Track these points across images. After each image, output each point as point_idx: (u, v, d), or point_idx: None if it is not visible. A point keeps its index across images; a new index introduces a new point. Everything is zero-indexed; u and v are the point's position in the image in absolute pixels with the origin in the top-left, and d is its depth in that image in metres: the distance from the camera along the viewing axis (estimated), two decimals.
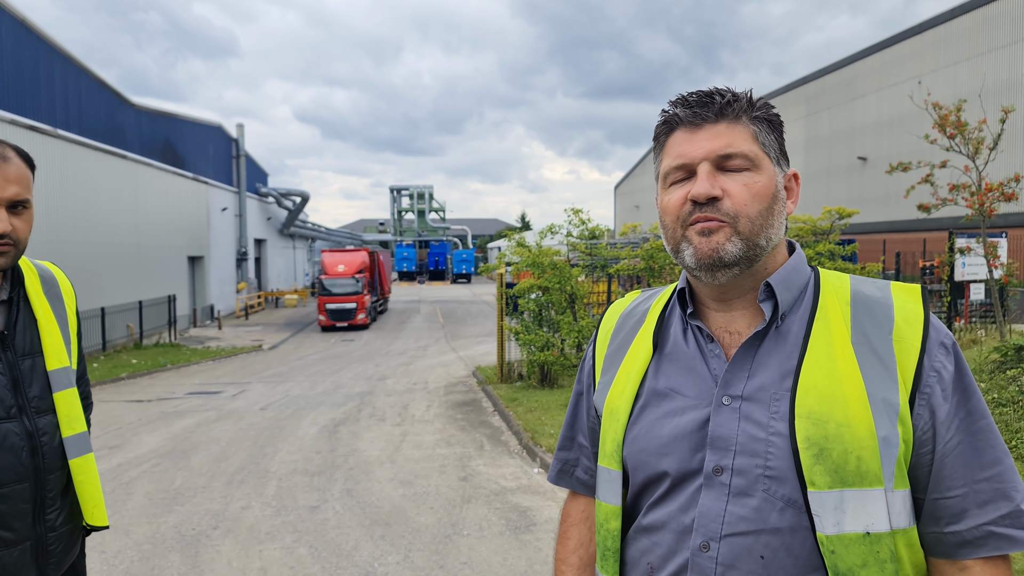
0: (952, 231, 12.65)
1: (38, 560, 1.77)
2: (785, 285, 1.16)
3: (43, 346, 1.81)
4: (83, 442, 1.86)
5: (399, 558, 5.05)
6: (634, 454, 1.21)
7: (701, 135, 1.14)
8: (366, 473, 7.26)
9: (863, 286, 1.18)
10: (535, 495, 6.45)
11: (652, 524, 1.19)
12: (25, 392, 1.75)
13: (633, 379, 1.25)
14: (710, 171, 1.13)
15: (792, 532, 1.07)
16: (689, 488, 1.15)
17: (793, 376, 1.10)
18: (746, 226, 1.12)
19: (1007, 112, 9.85)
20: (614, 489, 1.25)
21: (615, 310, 1.42)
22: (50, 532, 1.78)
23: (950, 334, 1.14)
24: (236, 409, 11.26)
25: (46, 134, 17.86)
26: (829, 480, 1.05)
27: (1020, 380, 6.34)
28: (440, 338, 23.27)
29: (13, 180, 1.70)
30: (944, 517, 1.09)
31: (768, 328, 1.15)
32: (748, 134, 1.14)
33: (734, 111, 1.15)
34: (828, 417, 1.06)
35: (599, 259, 13.65)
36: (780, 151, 1.19)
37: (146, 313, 22.33)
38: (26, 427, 1.73)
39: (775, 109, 1.21)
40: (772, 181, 1.15)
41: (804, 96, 35.65)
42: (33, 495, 1.73)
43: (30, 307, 1.82)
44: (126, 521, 5.91)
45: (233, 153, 36.37)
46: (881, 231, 27.62)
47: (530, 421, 8.99)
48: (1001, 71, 23.53)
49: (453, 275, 66.64)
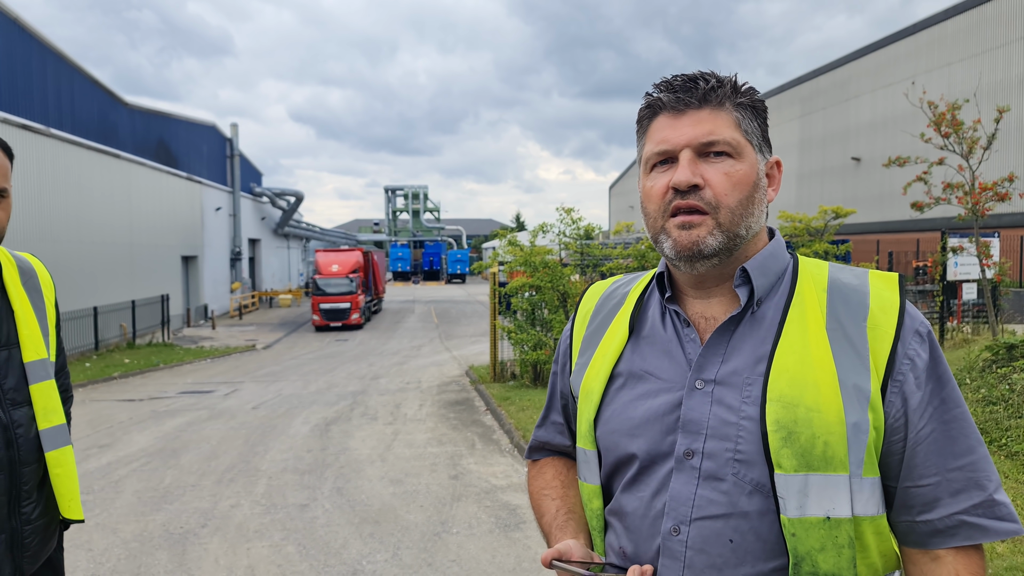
0: (945, 231, 12.67)
1: (13, 553, 1.75)
2: (761, 271, 1.15)
3: (20, 337, 1.79)
4: (61, 434, 1.84)
5: (388, 556, 5.02)
6: (606, 435, 1.21)
7: (684, 121, 1.13)
8: (357, 472, 7.24)
9: (841, 274, 1.18)
10: (525, 493, 6.43)
11: (623, 508, 1.19)
12: (0, 383, 1.73)
13: (608, 360, 1.25)
14: (691, 158, 1.12)
15: (760, 516, 1.07)
16: (659, 472, 1.14)
17: (767, 361, 1.10)
18: (726, 216, 1.11)
19: (1001, 112, 9.87)
20: (592, 469, 1.25)
21: (594, 291, 1.41)
22: (26, 525, 1.77)
23: (926, 323, 1.13)
24: (228, 408, 11.22)
25: (39, 133, 17.78)
26: (795, 463, 1.04)
27: (1011, 378, 6.35)
28: (434, 338, 23.24)
29: None
30: (916, 506, 1.08)
31: (743, 313, 1.14)
32: (731, 121, 1.13)
33: (718, 97, 1.13)
34: (798, 401, 1.06)
35: (591, 258, 13.64)
36: (763, 138, 1.18)
37: (139, 313, 22.25)
38: (0, 419, 1.71)
39: (759, 94, 1.19)
40: (753, 169, 1.14)
41: (799, 96, 35.73)
42: (8, 488, 1.72)
43: (7, 298, 1.80)
44: (114, 519, 5.87)
45: (227, 153, 36.27)
46: (875, 231, 27.69)
47: (522, 420, 8.97)
48: (995, 71, 23.61)
49: (448, 275, 66.62)
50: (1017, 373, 6.37)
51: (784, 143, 36.60)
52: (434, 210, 75.12)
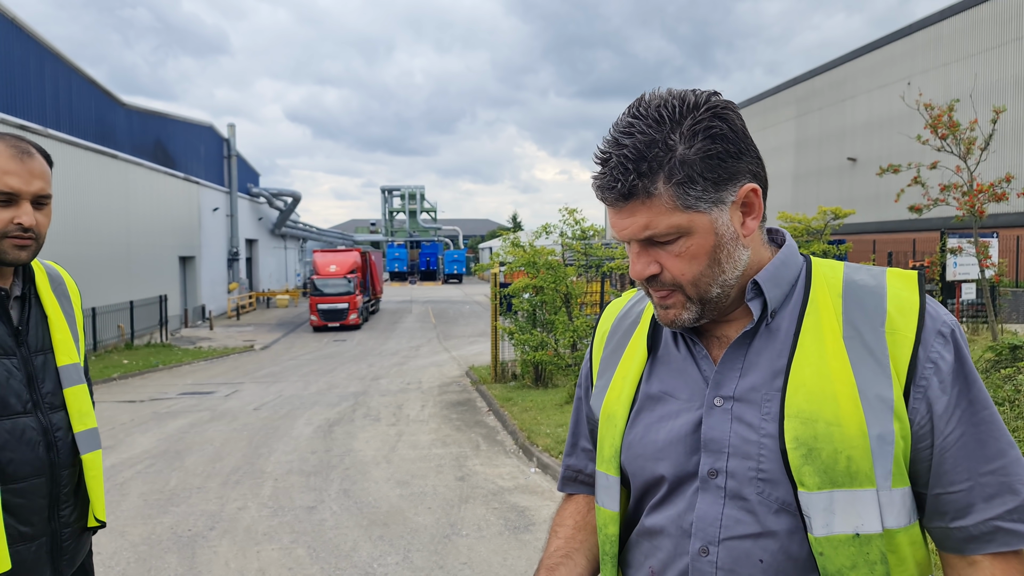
0: (944, 231, 12.73)
1: (53, 556, 1.78)
2: (774, 282, 1.12)
3: (53, 342, 1.83)
4: (94, 438, 1.87)
5: (398, 558, 5.03)
6: (631, 459, 1.19)
7: (621, 215, 1.09)
8: (362, 473, 7.24)
9: (857, 275, 1.14)
10: (533, 495, 6.45)
11: (653, 528, 1.18)
12: (39, 387, 1.76)
13: (630, 383, 1.23)
14: (639, 251, 1.11)
15: (789, 535, 1.05)
16: (687, 492, 1.13)
17: (783, 375, 1.07)
18: (692, 291, 1.10)
19: (998, 112, 9.91)
20: (612, 495, 1.23)
21: (611, 311, 1.40)
22: (64, 528, 1.79)
23: (951, 320, 1.09)
24: (229, 409, 11.21)
25: (36, 134, 17.72)
26: (819, 481, 1.02)
27: (1016, 379, 6.39)
28: (432, 338, 23.24)
29: (38, 175, 1.72)
30: (949, 512, 1.06)
31: (757, 327, 1.12)
32: (666, 206, 1.05)
33: (644, 186, 1.04)
34: (817, 416, 1.03)
35: (594, 259, 13.66)
36: (719, 183, 1.05)
37: (137, 313, 22.20)
38: (41, 422, 1.74)
39: (712, 122, 1.04)
40: (709, 234, 1.07)
41: (795, 97, 35.80)
42: (49, 490, 1.74)
43: (41, 304, 1.84)
44: (121, 522, 5.87)
45: (224, 153, 36.19)
46: (871, 231, 27.77)
47: (525, 421, 8.99)
48: (991, 72, 23.70)
49: (444, 275, 66.62)
50: (1022, 374, 6.42)
51: (780, 143, 36.69)
52: (431, 210, 75.11)
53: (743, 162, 1.08)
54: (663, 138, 1.04)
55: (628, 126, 1.06)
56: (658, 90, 1.10)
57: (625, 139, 1.05)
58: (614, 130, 1.08)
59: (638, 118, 1.06)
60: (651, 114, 1.06)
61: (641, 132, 1.05)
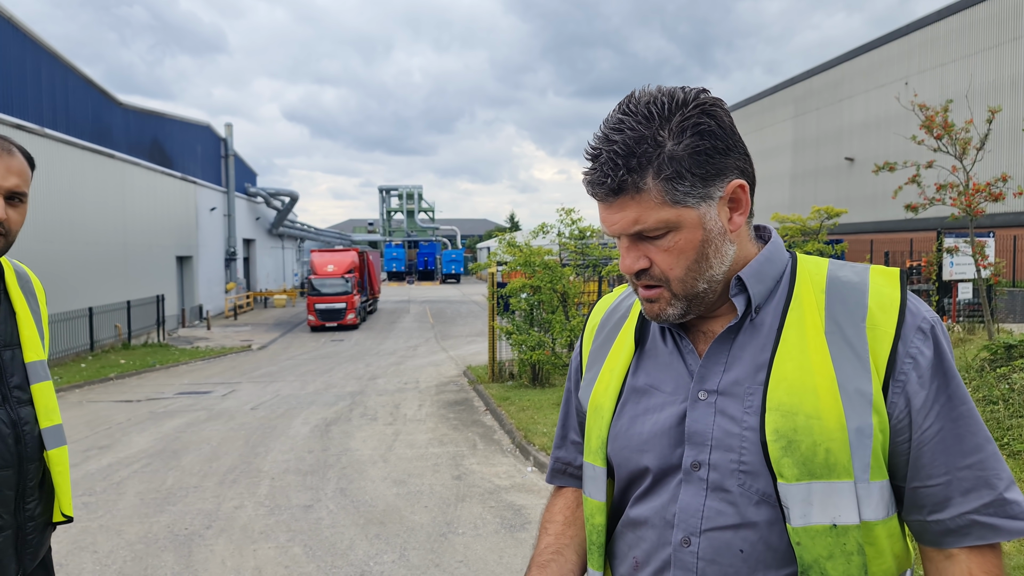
0: (940, 231, 12.76)
1: (17, 549, 1.81)
2: (758, 277, 1.14)
3: (21, 338, 1.86)
4: (59, 434, 1.92)
5: (395, 557, 5.04)
6: (617, 451, 1.21)
7: (611, 210, 1.10)
8: (359, 472, 7.24)
9: (840, 271, 1.16)
10: (529, 493, 6.46)
11: (637, 519, 1.19)
12: (8, 381, 1.80)
13: (617, 376, 1.25)
14: (629, 245, 1.12)
15: (769, 525, 1.07)
16: (671, 483, 1.15)
17: (766, 369, 1.09)
18: (678, 286, 1.12)
19: (994, 112, 9.94)
20: (598, 485, 1.25)
21: (601, 306, 1.42)
22: (29, 521, 1.83)
23: (930, 317, 1.10)
24: (226, 409, 11.20)
25: (33, 133, 17.69)
26: (797, 472, 1.04)
27: (1011, 378, 6.41)
28: (430, 338, 23.24)
29: (15, 172, 1.76)
30: (926, 506, 1.07)
31: (742, 322, 1.14)
32: (655, 200, 1.06)
33: (634, 181, 1.06)
34: (798, 409, 1.05)
35: (590, 259, 13.68)
36: (707, 178, 1.07)
37: (134, 313, 22.17)
38: (10, 415, 1.78)
39: (700, 118, 1.06)
40: (697, 228, 1.09)
41: (792, 97, 35.86)
42: (16, 483, 1.78)
43: (9, 300, 1.87)
44: (118, 521, 5.87)
45: (222, 152, 36.16)
46: (868, 231, 27.83)
47: (522, 420, 9.00)
48: (988, 72, 23.76)
49: (442, 275, 66.58)
50: (1017, 373, 6.43)
51: (778, 143, 36.75)
52: (429, 210, 75.06)
53: (731, 158, 1.09)
54: (652, 134, 1.06)
55: (618, 122, 1.08)
56: (648, 87, 1.12)
57: (615, 135, 1.07)
58: (604, 126, 1.10)
59: (628, 114, 1.08)
60: (641, 111, 1.07)
61: (631, 128, 1.06)
